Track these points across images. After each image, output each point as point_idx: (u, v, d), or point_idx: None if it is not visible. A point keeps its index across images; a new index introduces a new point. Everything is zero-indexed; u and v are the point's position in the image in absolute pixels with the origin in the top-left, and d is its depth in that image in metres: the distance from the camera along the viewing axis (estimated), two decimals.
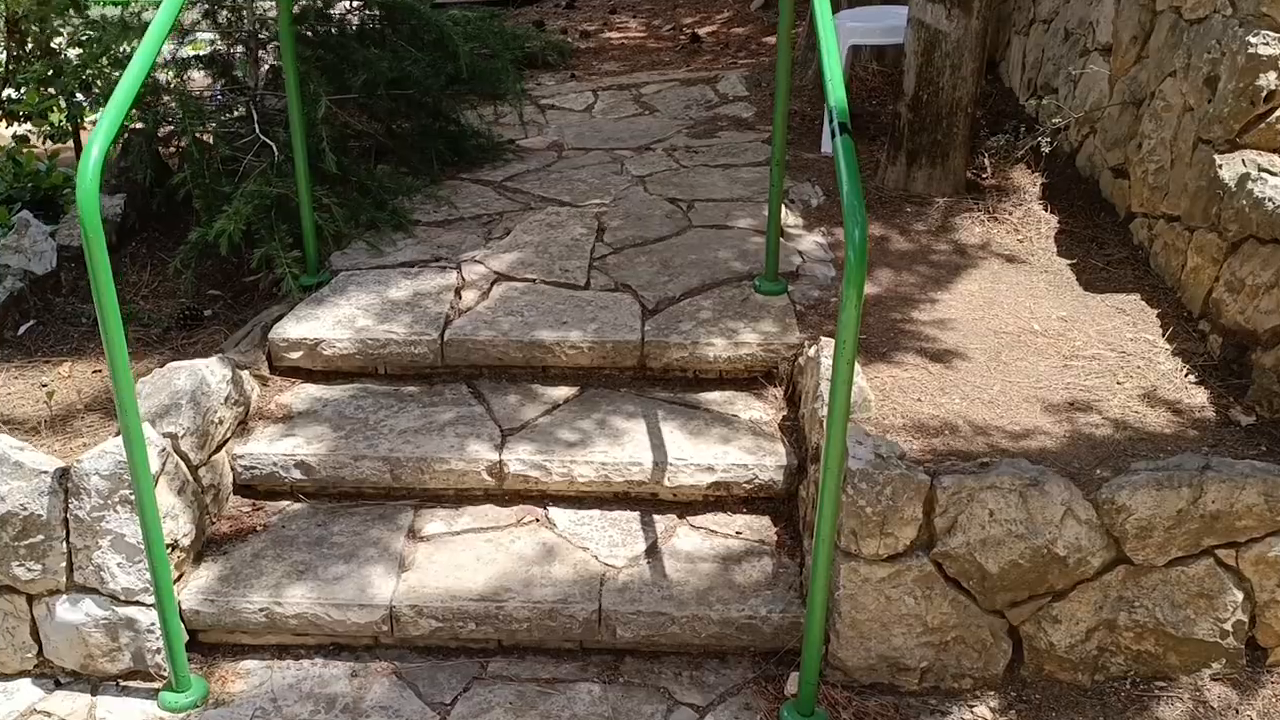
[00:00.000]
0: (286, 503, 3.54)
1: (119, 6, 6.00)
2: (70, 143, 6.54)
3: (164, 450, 3.11)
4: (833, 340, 3.57)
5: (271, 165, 4.41)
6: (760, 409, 3.74)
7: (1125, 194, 4.64)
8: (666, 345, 3.81)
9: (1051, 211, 4.83)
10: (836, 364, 2.57)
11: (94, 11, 6.58)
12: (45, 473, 3.01)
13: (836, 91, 2.79)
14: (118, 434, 2.96)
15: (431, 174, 5.29)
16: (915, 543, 2.98)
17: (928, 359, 3.78)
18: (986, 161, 5.18)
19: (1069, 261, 4.47)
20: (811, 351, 3.59)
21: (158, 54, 2.96)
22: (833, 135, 2.70)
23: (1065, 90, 5.49)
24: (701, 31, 8.97)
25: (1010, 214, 4.85)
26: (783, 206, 4.81)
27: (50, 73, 5.85)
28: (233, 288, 4.45)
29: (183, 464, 3.22)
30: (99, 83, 5.04)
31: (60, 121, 6.47)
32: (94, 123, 3.91)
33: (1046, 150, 4.96)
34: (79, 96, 5.63)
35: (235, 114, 4.88)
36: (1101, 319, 4.02)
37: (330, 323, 3.90)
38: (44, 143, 6.63)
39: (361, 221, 4.59)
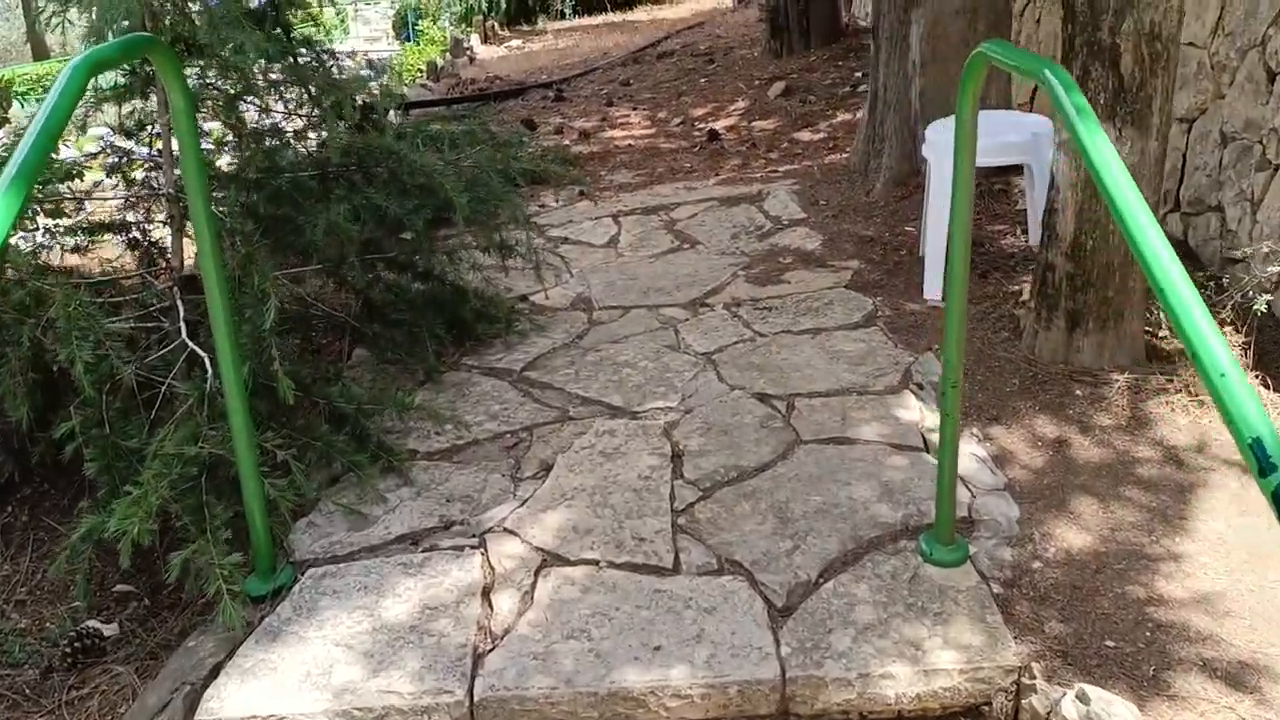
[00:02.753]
0: None
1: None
2: None
3: None
4: (1116, 701, 2.24)
5: (202, 397, 3.02)
6: None
7: None
8: (821, 683, 2.44)
9: (1275, 389, 3.53)
10: None
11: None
12: None
13: (1251, 423, 1.44)
14: None
15: (427, 363, 3.92)
16: None
17: (1222, 683, 2.44)
18: (1162, 316, 3.86)
19: None
20: (1074, 713, 2.23)
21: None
22: None
23: (1237, 212, 4.22)
24: (719, 126, 7.69)
25: None
26: (914, 397, 3.53)
27: None
28: (151, 578, 3.04)
29: None
30: None
31: None
32: None
33: (1263, 309, 3.64)
34: None
35: (152, 305, 3.49)
36: None
37: (295, 678, 2.48)
38: None
39: (334, 468, 3.20)
